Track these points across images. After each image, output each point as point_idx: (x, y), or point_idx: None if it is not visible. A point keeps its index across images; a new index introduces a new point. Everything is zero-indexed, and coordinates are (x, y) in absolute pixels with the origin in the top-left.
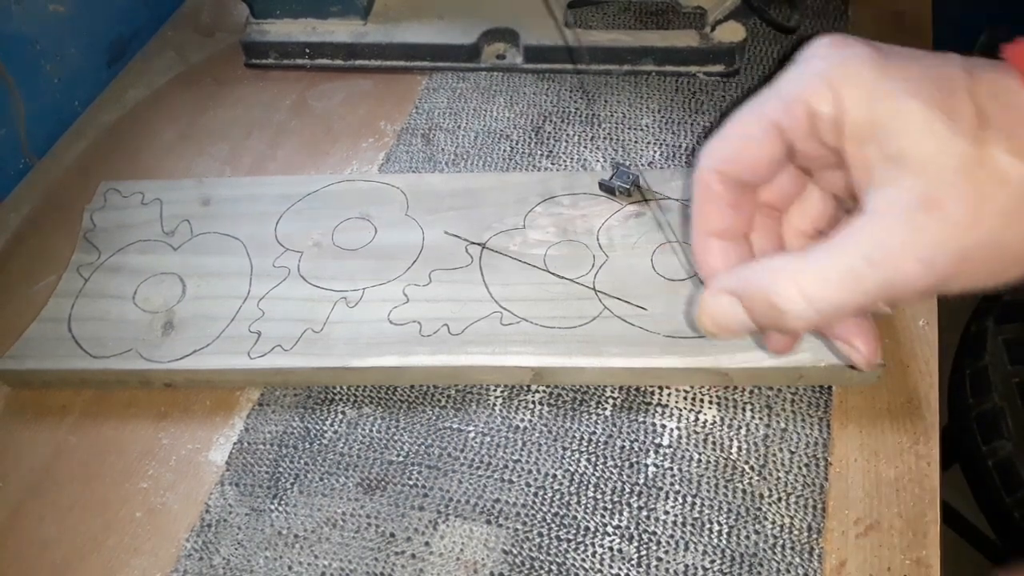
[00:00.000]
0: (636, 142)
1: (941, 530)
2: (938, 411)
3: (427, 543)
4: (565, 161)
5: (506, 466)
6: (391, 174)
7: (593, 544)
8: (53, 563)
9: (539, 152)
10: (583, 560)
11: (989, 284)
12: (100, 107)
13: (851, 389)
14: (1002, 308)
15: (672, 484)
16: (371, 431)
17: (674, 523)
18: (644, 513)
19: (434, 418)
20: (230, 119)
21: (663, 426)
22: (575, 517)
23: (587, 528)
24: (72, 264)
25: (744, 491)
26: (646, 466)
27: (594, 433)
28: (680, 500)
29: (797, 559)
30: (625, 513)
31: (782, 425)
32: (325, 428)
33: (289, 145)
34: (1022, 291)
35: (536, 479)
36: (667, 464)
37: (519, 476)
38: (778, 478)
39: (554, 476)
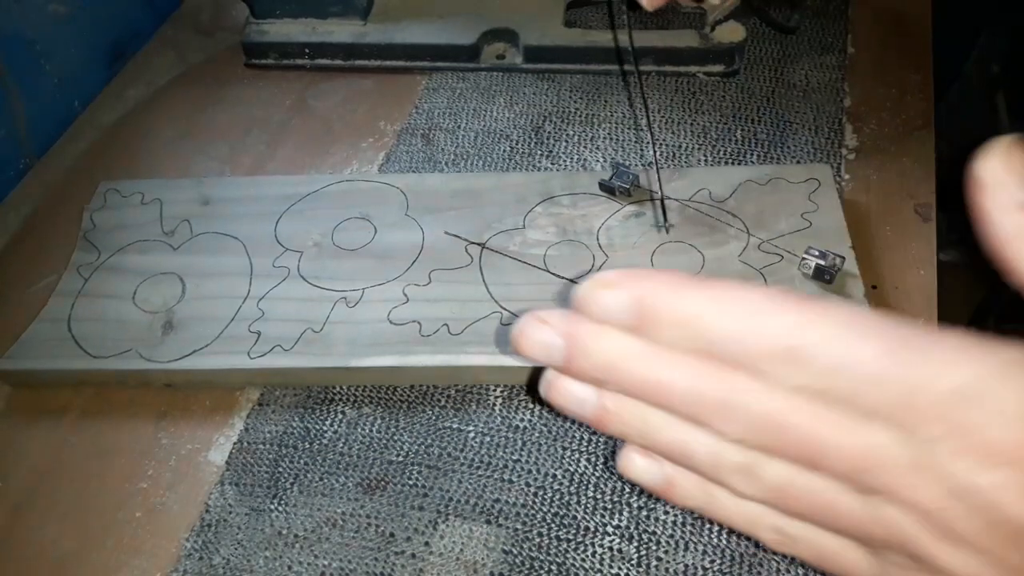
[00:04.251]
0: (636, 142)
1: None
2: None
3: (427, 543)
4: (565, 161)
5: (506, 466)
6: (391, 174)
7: (593, 544)
8: (53, 563)
9: (539, 152)
10: (583, 560)
11: None
12: (100, 107)
13: None
14: (1002, 308)
15: None
16: (371, 431)
17: (674, 523)
18: (644, 513)
19: (434, 418)
20: (230, 119)
21: None
22: (575, 517)
23: (587, 528)
24: (72, 264)
25: None
26: None
27: (594, 433)
28: None
29: (797, 559)
30: (625, 513)
31: None
32: (325, 428)
33: (289, 145)
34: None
35: (536, 479)
36: None
37: (519, 476)
38: None
39: (554, 476)
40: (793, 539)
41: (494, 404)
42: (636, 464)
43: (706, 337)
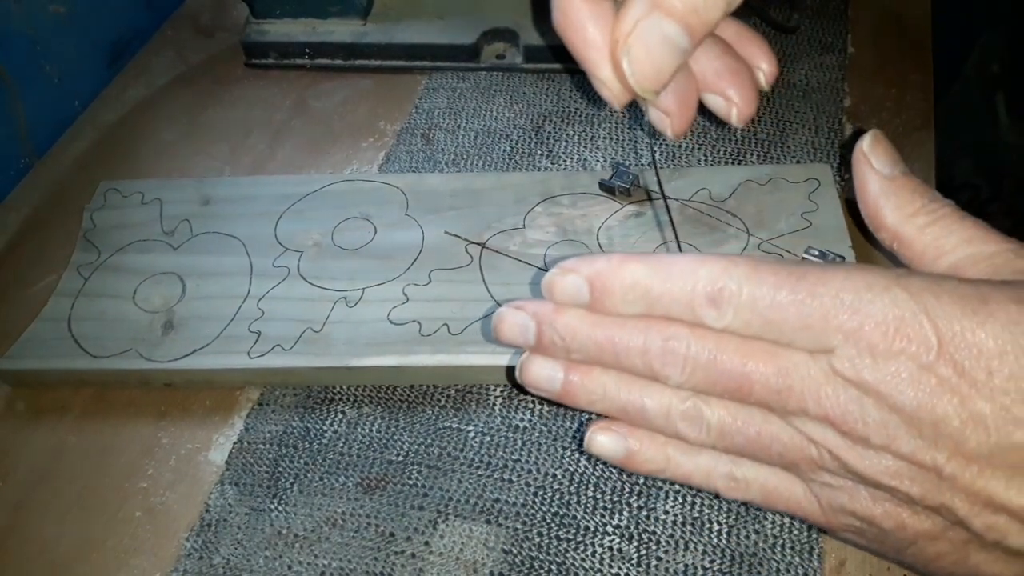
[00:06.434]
0: (636, 142)
1: None
2: None
3: (427, 543)
4: (565, 161)
5: (506, 466)
6: (391, 174)
7: (593, 544)
8: (53, 563)
9: (539, 152)
10: (583, 560)
11: None
12: (100, 107)
13: None
14: None
15: (672, 483)
16: (371, 431)
17: (674, 523)
18: (644, 513)
19: (434, 418)
20: (230, 119)
21: None
22: (575, 517)
23: (587, 528)
24: (72, 264)
25: None
26: None
27: None
28: (680, 500)
29: (797, 559)
30: (625, 513)
31: None
32: (325, 428)
33: (289, 145)
34: None
35: (536, 479)
36: None
37: (519, 476)
38: None
39: (554, 476)
40: (744, 482)
41: (494, 404)
42: (599, 440)
43: (647, 299)
